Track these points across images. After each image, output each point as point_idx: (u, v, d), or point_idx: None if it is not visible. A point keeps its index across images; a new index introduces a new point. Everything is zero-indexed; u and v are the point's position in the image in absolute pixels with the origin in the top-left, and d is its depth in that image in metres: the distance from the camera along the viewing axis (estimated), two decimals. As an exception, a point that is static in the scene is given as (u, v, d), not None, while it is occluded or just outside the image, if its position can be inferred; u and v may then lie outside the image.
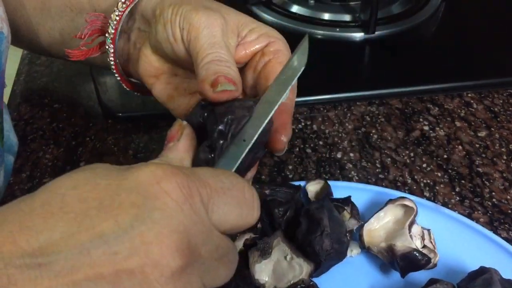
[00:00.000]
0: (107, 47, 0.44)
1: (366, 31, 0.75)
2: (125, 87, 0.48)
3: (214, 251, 0.26)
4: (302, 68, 0.37)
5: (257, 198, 0.29)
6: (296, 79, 0.37)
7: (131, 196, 0.24)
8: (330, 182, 0.50)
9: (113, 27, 0.43)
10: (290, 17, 0.79)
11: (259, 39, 0.41)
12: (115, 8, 0.43)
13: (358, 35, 0.76)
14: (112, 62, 0.45)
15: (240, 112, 0.34)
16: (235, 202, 0.27)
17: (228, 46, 0.39)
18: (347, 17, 0.79)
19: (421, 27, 0.79)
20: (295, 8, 0.81)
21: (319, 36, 0.77)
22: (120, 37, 0.45)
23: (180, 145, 0.32)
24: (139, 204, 0.24)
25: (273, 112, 0.35)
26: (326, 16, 0.79)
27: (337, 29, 0.77)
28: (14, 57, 0.72)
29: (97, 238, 0.23)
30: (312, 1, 0.81)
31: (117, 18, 0.43)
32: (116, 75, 0.46)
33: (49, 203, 0.24)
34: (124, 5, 0.43)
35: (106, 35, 0.44)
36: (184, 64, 0.42)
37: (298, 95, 0.66)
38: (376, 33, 0.75)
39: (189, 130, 0.33)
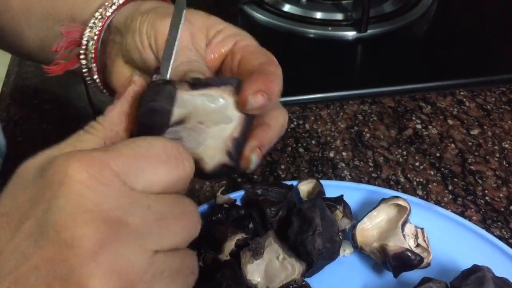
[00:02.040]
0: (89, 65, 0.44)
1: (358, 30, 0.75)
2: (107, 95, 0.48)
3: (148, 215, 0.26)
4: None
5: (183, 150, 0.29)
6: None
7: (44, 193, 0.25)
8: (323, 181, 0.49)
9: (93, 46, 0.43)
10: (282, 16, 0.79)
11: (225, 40, 0.40)
12: (93, 24, 0.43)
13: (350, 34, 0.76)
14: (97, 80, 0.45)
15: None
16: (156, 160, 0.28)
17: (198, 48, 0.38)
18: (339, 16, 0.78)
19: (413, 25, 0.79)
20: (287, 7, 0.81)
21: (312, 35, 0.77)
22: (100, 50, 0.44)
23: (117, 108, 0.31)
24: (50, 197, 0.25)
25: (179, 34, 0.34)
26: (318, 15, 0.79)
27: (329, 28, 0.77)
28: (3, 58, 0.72)
29: (26, 238, 0.25)
30: (304, 0, 0.81)
31: (96, 37, 0.43)
32: (101, 87, 0.46)
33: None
34: (100, 22, 0.43)
35: (88, 52, 0.43)
36: (149, 71, 0.41)
37: (290, 94, 0.67)
38: (368, 31, 0.75)
39: (132, 88, 0.32)
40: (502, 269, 0.41)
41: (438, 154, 0.58)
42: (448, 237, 0.46)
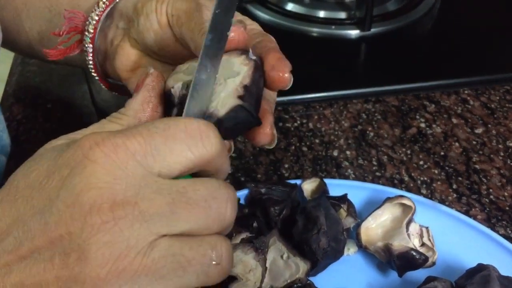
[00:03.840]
0: (85, 45, 0.44)
1: (362, 28, 0.75)
2: (103, 86, 0.48)
3: (158, 198, 0.26)
4: None
5: (205, 127, 0.28)
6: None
7: (61, 171, 0.26)
8: (327, 180, 0.49)
9: (93, 26, 0.43)
10: (285, 15, 0.79)
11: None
12: (95, 7, 0.43)
13: (354, 33, 0.76)
14: (90, 61, 0.45)
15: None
16: (174, 139, 0.27)
17: None
18: (342, 15, 0.78)
19: (417, 24, 0.78)
20: (290, 6, 0.81)
21: (315, 34, 0.76)
22: (98, 36, 0.45)
23: (139, 97, 0.32)
24: (65, 175, 0.26)
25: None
26: (322, 13, 0.79)
27: (333, 27, 0.77)
28: (6, 57, 0.72)
29: (36, 215, 0.25)
30: (307, -1, 0.81)
31: (97, 17, 0.43)
32: (95, 74, 0.46)
33: (7, 194, 0.27)
34: (104, 5, 0.43)
35: (86, 33, 0.44)
36: (165, 53, 0.42)
37: (294, 93, 0.67)
38: (372, 30, 0.75)
39: (150, 79, 0.32)
40: (507, 268, 0.41)
41: (442, 153, 0.58)
42: (453, 236, 0.46)
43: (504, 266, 0.41)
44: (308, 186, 0.50)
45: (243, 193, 0.49)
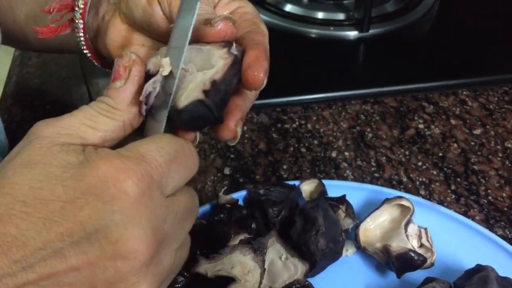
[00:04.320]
0: (76, 21, 0.44)
1: (360, 29, 0.75)
2: (96, 63, 0.47)
3: (174, 219, 0.29)
4: None
5: (193, 148, 0.32)
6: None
7: (90, 201, 0.26)
8: (325, 181, 0.49)
9: (83, 1, 0.43)
10: (284, 16, 0.79)
11: (230, 4, 0.40)
12: None
13: (352, 34, 0.76)
14: (82, 38, 0.45)
15: None
16: (183, 166, 0.30)
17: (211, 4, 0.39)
18: (341, 16, 0.78)
19: (415, 25, 0.78)
20: (289, 7, 0.81)
21: (313, 35, 0.77)
22: (89, 12, 0.44)
23: (128, 89, 0.32)
24: (99, 208, 0.26)
25: (188, 37, 0.32)
26: (320, 15, 0.79)
27: (331, 28, 0.77)
28: (5, 58, 0.72)
29: (67, 240, 0.26)
30: (305, 0, 0.81)
31: None
32: (86, 51, 0.46)
33: (13, 209, 0.26)
34: None
35: (76, 9, 0.43)
36: (153, 30, 0.41)
37: (293, 94, 0.67)
38: (370, 31, 0.75)
39: (136, 70, 0.32)
40: (506, 269, 0.41)
41: (440, 154, 0.58)
42: (451, 237, 0.46)
43: (502, 266, 0.41)
44: (307, 187, 0.50)
45: (241, 194, 0.49)
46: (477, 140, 0.60)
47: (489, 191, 0.54)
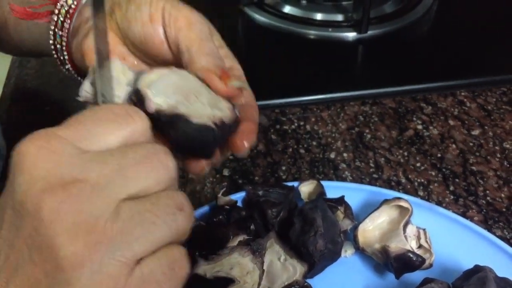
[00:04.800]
0: (58, 18, 0.43)
1: (359, 30, 0.75)
2: (69, 68, 0.47)
3: (105, 168, 0.26)
4: None
5: (130, 107, 0.30)
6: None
7: (9, 177, 0.26)
8: (324, 182, 0.49)
9: (75, 3, 0.43)
10: (282, 18, 0.79)
11: (226, 60, 0.42)
12: None
13: (351, 35, 0.76)
14: (60, 35, 0.44)
15: None
16: (103, 120, 0.28)
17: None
18: (339, 17, 0.78)
19: (414, 26, 0.79)
20: (287, 9, 0.81)
21: (312, 37, 0.77)
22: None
23: None
24: (10, 180, 0.26)
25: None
26: (319, 16, 0.79)
27: (330, 29, 0.77)
28: (4, 60, 0.72)
29: (8, 227, 0.26)
30: (304, 2, 0.81)
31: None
32: (65, 50, 0.45)
33: None
34: None
35: (63, 4, 0.43)
36: (145, 49, 0.41)
37: (291, 96, 0.67)
38: (369, 32, 0.75)
39: None
40: (504, 269, 0.41)
41: (439, 155, 0.58)
42: (450, 237, 0.46)
43: (500, 267, 0.41)
44: (306, 188, 0.50)
45: (240, 196, 0.49)
46: (476, 141, 0.60)
47: (487, 191, 0.54)
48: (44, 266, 0.25)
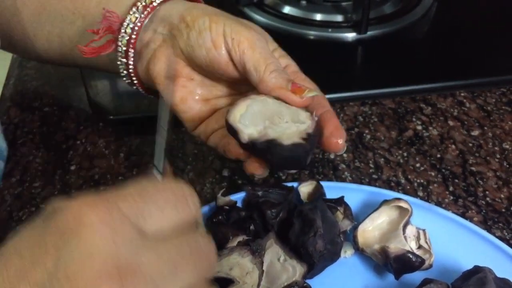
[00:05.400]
0: (120, 46, 0.45)
1: (358, 31, 0.75)
2: (139, 88, 0.49)
3: (158, 258, 0.25)
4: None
5: (190, 192, 0.29)
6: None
7: (53, 240, 0.25)
8: (323, 183, 0.49)
9: (131, 28, 0.44)
10: (282, 18, 0.79)
11: (281, 59, 0.47)
12: (133, 9, 0.44)
13: (350, 35, 0.76)
14: (124, 62, 0.46)
15: None
16: (164, 202, 0.27)
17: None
18: (339, 18, 0.78)
19: (414, 27, 0.79)
20: (287, 9, 0.81)
21: (311, 37, 0.77)
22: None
23: None
24: (61, 245, 0.24)
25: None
26: (318, 16, 0.79)
27: (329, 30, 0.77)
28: (4, 61, 0.72)
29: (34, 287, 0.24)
30: (304, 2, 0.81)
31: (135, 19, 0.44)
32: (129, 74, 0.47)
33: (1, 268, 0.25)
34: (143, 8, 0.44)
35: (123, 34, 0.45)
36: (213, 70, 0.43)
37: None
38: (368, 33, 0.75)
39: None
40: (504, 270, 0.41)
41: (438, 155, 0.58)
42: (449, 238, 0.46)
43: (500, 268, 0.41)
44: (305, 189, 0.50)
45: (240, 196, 0.49)
46: (475, 142, 0.60)
47: (487, 192, 0.54)
48: None
